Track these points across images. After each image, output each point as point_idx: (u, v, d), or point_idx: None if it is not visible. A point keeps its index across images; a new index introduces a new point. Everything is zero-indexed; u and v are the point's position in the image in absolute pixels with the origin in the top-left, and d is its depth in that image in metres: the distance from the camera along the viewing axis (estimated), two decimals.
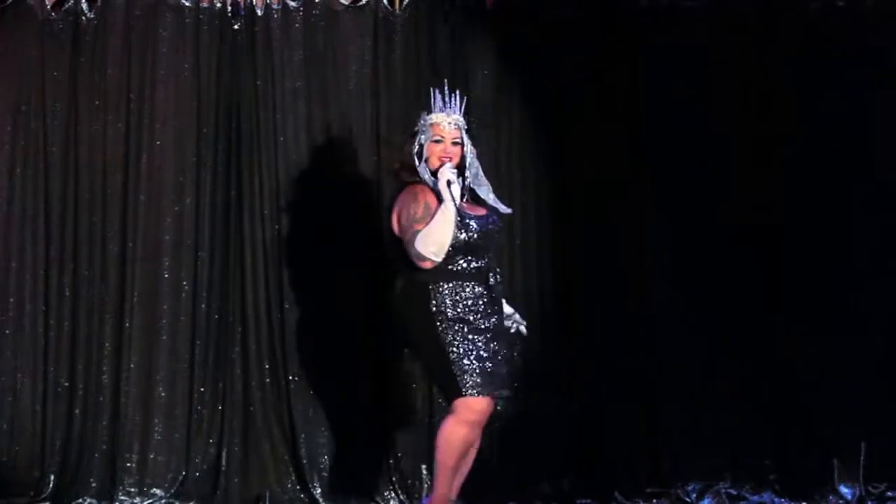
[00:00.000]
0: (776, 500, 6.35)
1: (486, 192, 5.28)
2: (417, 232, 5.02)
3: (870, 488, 6.37)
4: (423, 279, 5.08)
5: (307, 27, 6.37)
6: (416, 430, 6.36)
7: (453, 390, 5.06)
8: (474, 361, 5.03)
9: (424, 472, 6.31)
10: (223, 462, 6.29)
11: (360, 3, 6.41)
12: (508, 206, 5.37)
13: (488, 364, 5.05)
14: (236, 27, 6.36)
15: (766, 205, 6.48)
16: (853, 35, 6.45)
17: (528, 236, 6.47)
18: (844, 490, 6.36)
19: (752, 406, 6.45)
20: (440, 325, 5.04)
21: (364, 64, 6.40)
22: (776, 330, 6.46)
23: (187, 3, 6.33)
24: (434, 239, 5.00)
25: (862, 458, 6.36)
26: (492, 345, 5.09)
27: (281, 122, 6.35)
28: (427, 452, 6.30)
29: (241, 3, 6.34)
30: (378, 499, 6.28)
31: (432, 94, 5.23)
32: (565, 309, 6.43)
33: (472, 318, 5.06)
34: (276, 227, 6.33)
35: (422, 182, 5.13)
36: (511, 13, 6.44)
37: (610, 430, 6.36)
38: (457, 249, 5.07)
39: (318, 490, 6.26)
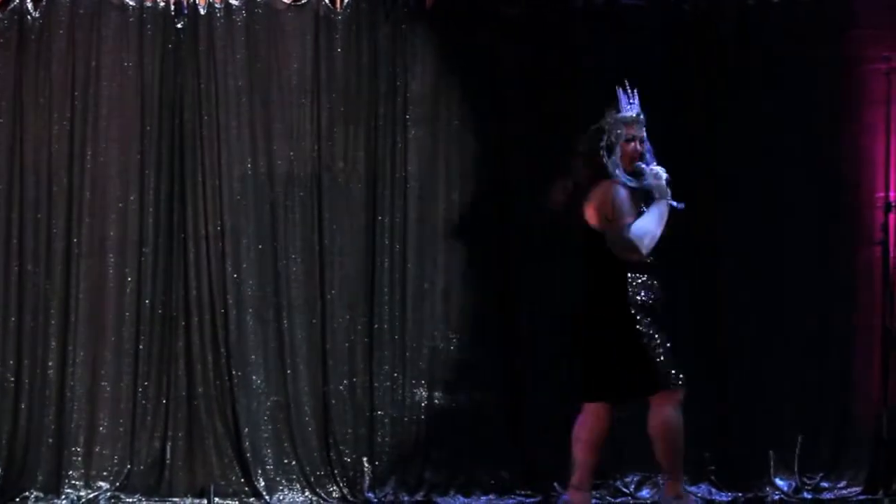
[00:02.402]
0: (713, 491, 6.43)
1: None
2: (629, 224, 5.16)
3: (805, 479, 6.46)
4: (621, 270, 5.21)
5: (249, 26, 6.43)
6: (358, 423, 6.43)
7: (648, 381, 5.21)
8: (667, 354, 5.20)
9: (366, 464, 6.39)
10: (167, 455, 6.37)
11: (302, 2, 6.46)
12: (679, 203, 5.36)
13: (670, 353, 5.23)
14: (179, 26, 6.42)
15: (703, 202, 6.52)
16: (789, 30, 6.52)
17: (465, 233, 6.52)
18: (780, 482, 6.44)
19: (690, 399, 6.48)
20: (634, 313, 5.18)
21: (306, 62, 6.45)
22: (713, 323, 6.54)
23: (131, 2, 6.38)
24: (651, 231, 5.17)
25: (798, 450, 6.44)
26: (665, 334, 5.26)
27: (224, 119, 6.41)
28: (368, 444, 6.39)
29: (185, 2, 6.39)
30: (320, 491, 6.36)
31: (618, 93, 5.30)
32: (503, 306, 6.50)
33: (656, 307, 5.24)
34: (219, 223, 6.38)
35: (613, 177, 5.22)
36: (450, 13, 6.50)
37: (548, 423, 6.41)
38: None
39: (262, 483, 6.32)
